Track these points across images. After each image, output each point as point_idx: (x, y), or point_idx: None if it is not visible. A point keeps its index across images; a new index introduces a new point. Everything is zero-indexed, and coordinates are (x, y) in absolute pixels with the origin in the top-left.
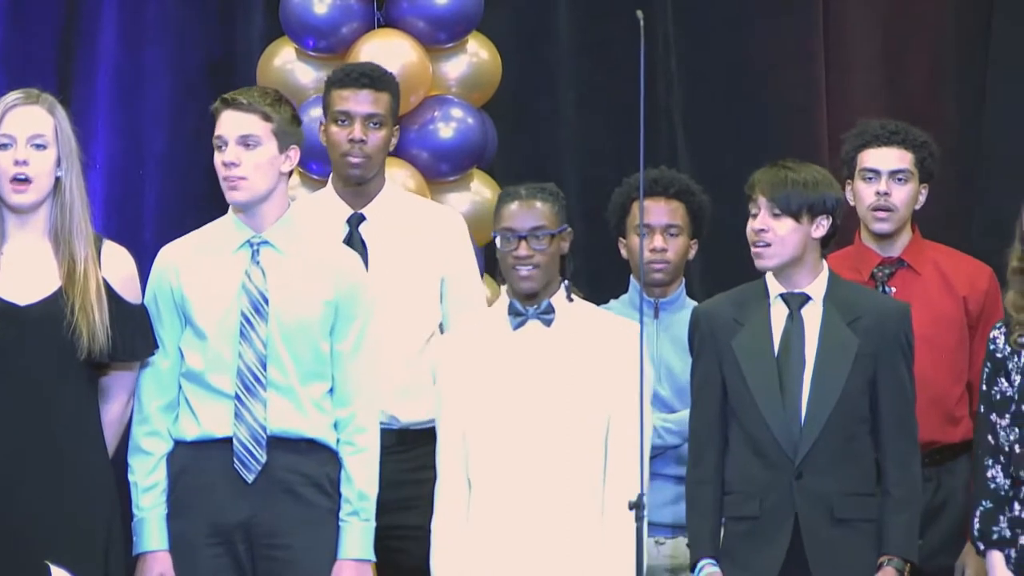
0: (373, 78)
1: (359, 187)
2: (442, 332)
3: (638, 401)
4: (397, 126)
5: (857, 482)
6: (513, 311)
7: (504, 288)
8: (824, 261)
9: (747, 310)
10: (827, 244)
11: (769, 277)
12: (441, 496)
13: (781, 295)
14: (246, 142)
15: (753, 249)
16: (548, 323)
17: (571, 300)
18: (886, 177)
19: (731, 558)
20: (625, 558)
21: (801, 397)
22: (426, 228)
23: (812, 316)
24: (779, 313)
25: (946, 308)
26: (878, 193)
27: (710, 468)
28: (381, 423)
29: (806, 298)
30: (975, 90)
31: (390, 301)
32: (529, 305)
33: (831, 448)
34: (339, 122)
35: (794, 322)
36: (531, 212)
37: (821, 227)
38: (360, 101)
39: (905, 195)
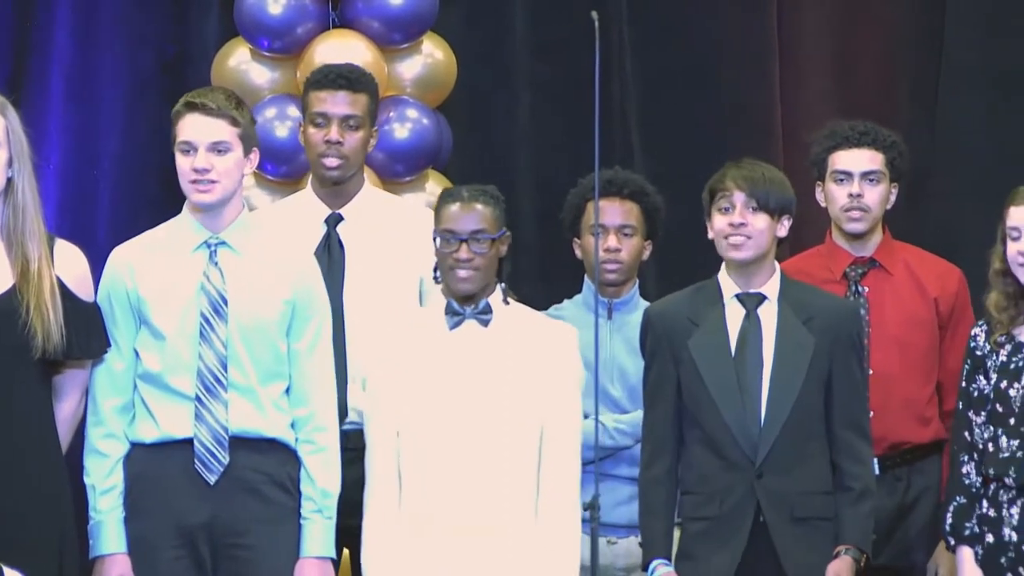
0: (351, 80)
1: (337, 187)
2: None
3: (570, 402)
4: (376, 127)
5: (815, 481)
6: (450, 311)
7: (440, 288)
8: (776, 262)
9: (701, 310)
10: (779, 245)
11: (722, 277)
12: (372, 495)
13: (737, 295)
14: (217, 148)
15: (729, 241)
16: (485, 323)
17: (507, 303)
18: (858, 178)
19: (688, 558)
20: (560, 559)
21: (760, 397)
22: (404, 228)
23: (768, 316)
24: (734, 313)
25: (917, 309)
26: (851, 195)
27: (664, 469)
28: (357, 424)
29: (762, 298)
30: (928, 92)
31: (368, 300)
32: (466, 305)
33: (790, 447)
34: (316, 124)
35: (751, 322)
36: (472, 215)
37: (783, 227)
38: (337, 103)
39: (877, 196)
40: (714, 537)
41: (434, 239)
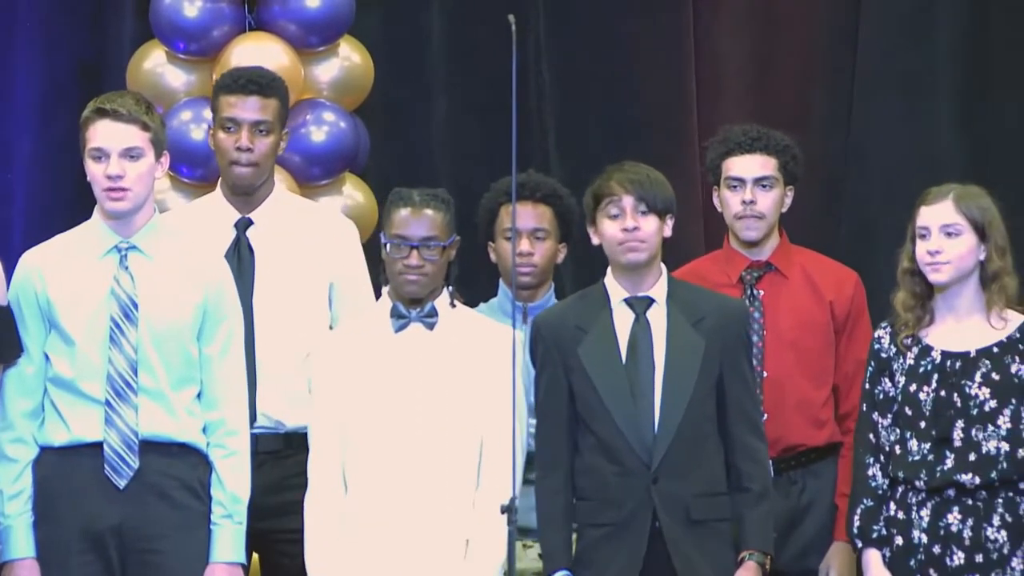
0: (261, 84)
1: (247, 191)
2: None
3: (511, 406)
4: (286, 130)
5: (711, 483)
6: (396, 314)
7: (386, 290)
8: (662, 264)
9: (589, 316)
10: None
11: (609, 281)
12: (315, 498)
13: (625, 299)
14: (130, 154)
15: (627, 245)
16: (430, 327)
17: (454, 306)
18: (751, 185)
19: (589, 565)
20: (496, 561)
21: (653, 402)
22: (315, 232)
23: (657, 319)
24: (623, 317)
25: (813, 312)
26: (744, 202)
27: (560, 478)
28: (267, 427)
29: (650, 301)
30: (843, 94)
31: (277, 305)
32: (412, 308)
33: (685, 450)
34: (226, 129)
35: (641, 326)
36: (423, 221)
37: (668, 227)
38: (247, 108)
39: (771, 201)
40: (612, 543)
41: (384, 244)
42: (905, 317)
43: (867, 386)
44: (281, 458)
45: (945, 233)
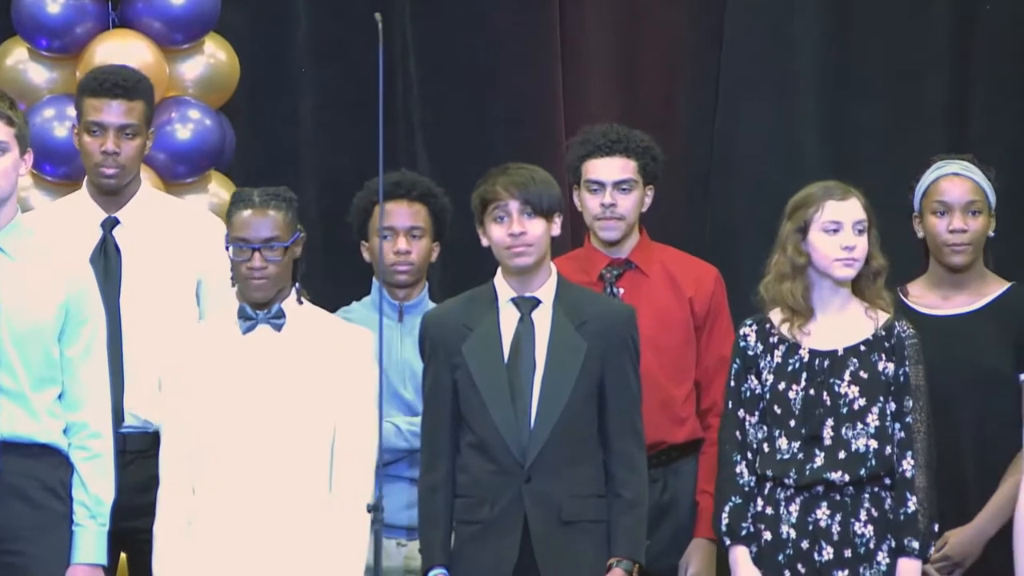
0: (127, 88)
1: (113, 191)
2: None
3: (365, 405)
4: (152, 130)
5: (586, 484)
6: (243, 315)
7: (235, 291)
8: (552, 264)
9: (477, 315)
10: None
11: (499, 281)
12: (164, 499)
13: (512, 299)
14: None
15: (514, 250)
16: (278, 328)
17: (301, 303)
18: (610, 188)
19: (462, 562)
20: (351, 560)
21: (531, 401)
22: (182, 230)
23: (542, 320)
24: (509, 317)
25: (673, 309)
26: (604, 204)
27: (441, 475)
28: (134, 427)
29: (537, 302)
30: (709, 94)
31: (145, 304)
32: (259, 310)
33: (560, 451)
34: (92, 132)
35: (525, 326)
36: (264, 222)
37: (557, 226)
38: (113, 112)
39: (630, 203)
40: (485, 541)
41: (226, 247)
42: (799, 307)
43: (732, 383)
44: (148, 457)
45: (857, 230)
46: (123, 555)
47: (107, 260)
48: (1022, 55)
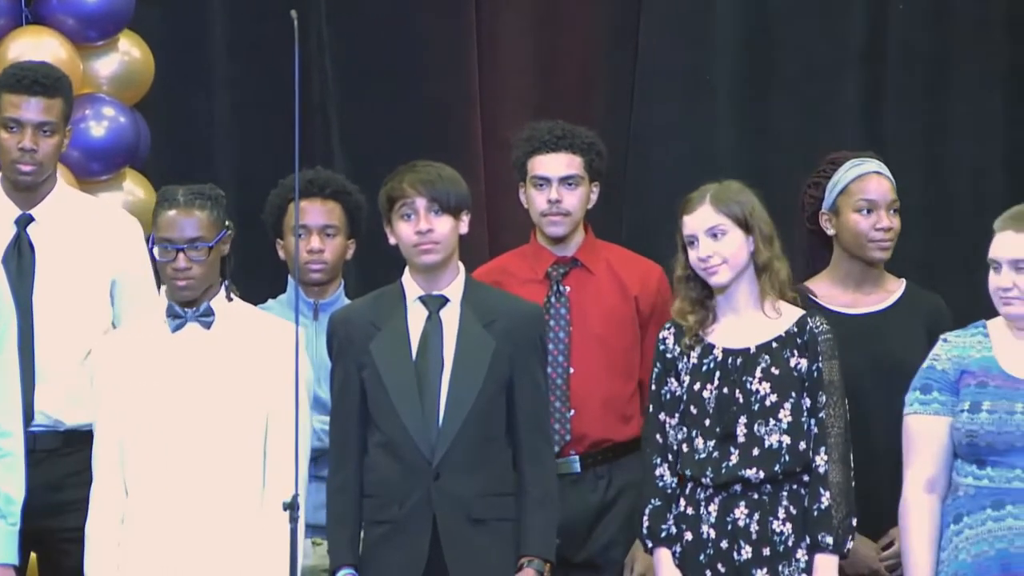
0: (46, 85)
1: (29, 188)
2: None
3: (295, 402)
4: (69, 127)
5: (494, 483)
6: (172, 313)
7: (163, 289)
8: (460, 263)
9: (384, 314)
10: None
11: (407, 279)
12: (96, 499)
13: (420, 297)
14: None
15: (421, 247)
16: (207, 325)
17: (231, 300)
18: (556, 184)
19: (373, 563)
20: (282, 559)
21: (439, 399)
22: (97, 229)
23: (450, 318)
24: (417, 315)
25: (618, 307)
26: (550, 201)
27: (349, 475)
28: (45, 426)
29: (445, 300)
30: (624, 94)
31: (58, 303)
32: (188, 308)
33: (468, 449)
34: (9, 128)
35: (433, 324)
36: (189, 222)
37: (464, 224)
38: (31, 109)
39: (576, 199)
40: (394, 541)
41: (150, 248)
42: (689, 324)
43: (653, 387)
44: (60, 456)
45: (711, 236)
46: (33, 555)
47: (20, 257)
48: (935, 55)
